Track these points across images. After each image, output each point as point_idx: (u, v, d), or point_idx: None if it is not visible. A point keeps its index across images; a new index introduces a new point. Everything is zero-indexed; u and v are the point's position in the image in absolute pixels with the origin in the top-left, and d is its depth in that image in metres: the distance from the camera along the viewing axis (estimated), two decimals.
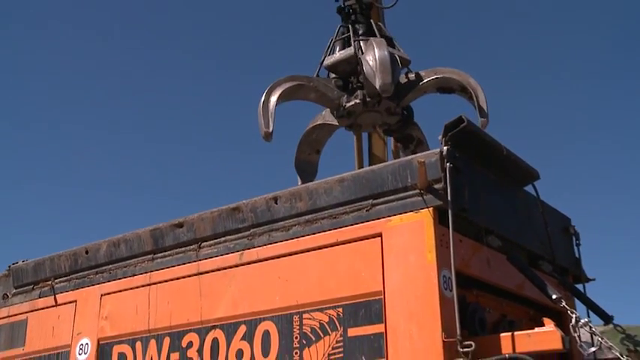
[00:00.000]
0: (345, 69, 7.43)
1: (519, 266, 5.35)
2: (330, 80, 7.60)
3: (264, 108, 7.03)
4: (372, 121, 7.58)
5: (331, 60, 7.53)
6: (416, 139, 7.85)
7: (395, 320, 4.69)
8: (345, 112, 7.41)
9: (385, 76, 6.88)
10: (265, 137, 6.92)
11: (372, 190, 5.11)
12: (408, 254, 4.77)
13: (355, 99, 7.29)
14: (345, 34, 7.62)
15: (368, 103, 7.22)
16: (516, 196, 5.90)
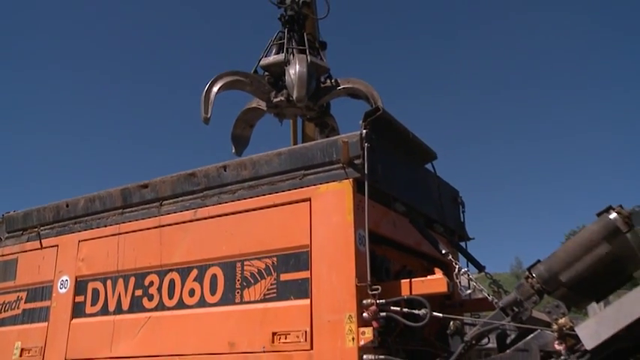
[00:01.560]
0: (276, 70, 7.52)
1: (418, 227, 5.60)
2: (263, 77, 7.67)
3: (205, 96, 7.08)
4: (294, 113, 7.75)
5: (266, 62, 7.62)
6: (330, 126, 8.03)
7: (319, 268, 4.88)
8: (273, 104, 7.54)
9: (300, 90, 7.09)
10: (204, 121, 6.99)
11: (304, 163, 5.24)
12: (331, 216, 4.94)
13: (281, 96, 7.42)
14: (282, 39, 7.69)
15: (291, 101, 7.36)
16: (418, 172, 6.13)
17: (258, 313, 5.06)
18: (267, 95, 7.58)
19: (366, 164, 4.87)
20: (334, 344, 4.65)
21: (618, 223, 4.30)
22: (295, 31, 7.69)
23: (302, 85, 7.10)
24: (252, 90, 7.66)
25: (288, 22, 7.72)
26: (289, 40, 7.57)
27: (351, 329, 4.60)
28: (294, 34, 7.64)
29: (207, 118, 7.02)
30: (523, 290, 4.60)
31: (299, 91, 7.08)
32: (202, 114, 7.02)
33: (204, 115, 7.01)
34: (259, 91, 7.66)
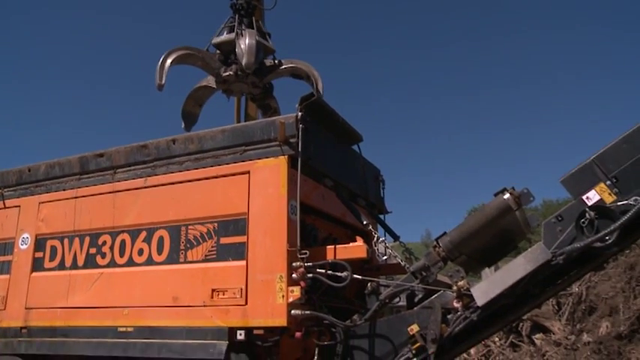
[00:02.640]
0: (227, 48, 7.43)
1: (344, 200, 5.71)
2: (214, 54, 7.59)
3: (161, 66, 7.02)
4: (241, 89, 7.67)
5: (217, 40, 7.52)
6: (272, 108, 8.02)
7: (254, 234, 4.94)
8: (222, 79, 7.46)
9: (250, 57, 7.04)
10: (158, 88, 6.94)
11: (245, 140, 5.24)
12: (267, 187, 4.99)
13: (230, 71, 7.35)
14: (232, 23, 7.61)
15: (239, 76, 7.32)
16: (346, 152, 6.21)
17: (200, 272, 5.09)
18: (217, 71, 7.51)
19: (299, 143, 4.94)
20: (266, 300, 4.74)
21: (510, 202, 4.51)
22: (245, 17, 7.63)
23: (251, 53, 7.05)
24: (203, 65, 7.57)
25: (239, 9, 7.64)
26: (239, 23, 7.51)
27: (282, 288, 4.70)
28: (243, 19, 7.57)
29: (161, 85, 6.97)
30: (430, 257, 4.78)
31: (248, 58, 7.02)
32: (157, 81, 6.96)
33: (159, 82, 6.96)
34: (210, 67, 7.58)
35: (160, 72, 6.99)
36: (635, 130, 4.39)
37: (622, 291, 9.95)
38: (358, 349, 4.85)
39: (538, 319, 11.28)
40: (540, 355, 10.63)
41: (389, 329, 4.79)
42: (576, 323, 10.79)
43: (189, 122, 8.12)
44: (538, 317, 11.27)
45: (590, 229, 4.27)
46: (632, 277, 9.86)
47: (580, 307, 10.87)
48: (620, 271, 10.30)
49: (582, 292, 10.92)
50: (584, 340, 9.98)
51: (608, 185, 4.35)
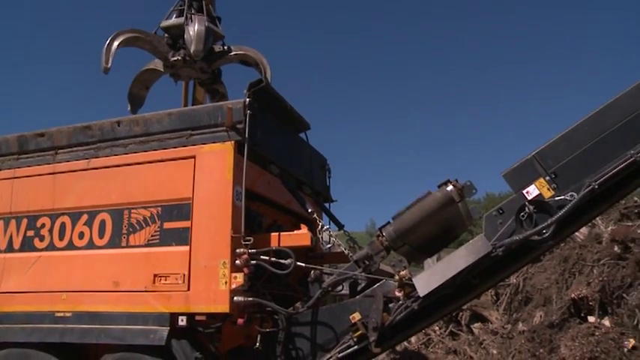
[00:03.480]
0: (175, 32, 7.28)
1: (289, 188, 5.72)
2: (163, 38, 7.44)
3: (107, 49, 6.81)
4: (189, 74, 7.55)
5: (166, 23, 7.36)
6: (220, 93, 7.91)
7: (199, 219, 4.90)
8: (170, 63, 7.33)
9: (198, 45, 6.93)
10: (104, 71, 6.76)
11: (192, 124, 5.18)
12: (213, 173, 4.95)
13: (178, 55, 7.21)
14: (182, 6, 7.46)
15: (187, 61, 7.20)
16: (293, 140, 6.21)
17: (142, 257, 5.02)
18: (164, 55, 7.35)
19: (247, 129, 4.90)
20: (209, 286, 4.71)
21: (453, 194, 4.60)
22: (195, 0, 7.48)
23: (200, 40, 6.94)
24: (150, 48, 7.40)
25: None
26: (189, 7, 7.36)
27: (225, 274, 4.68)
28: (193, 2, 7.42)
29: (106, 69, 6.78)
30: (374, 246, 4.84)
31: (197, 45, 6.91)
32: (102, 64, 6.76)
33: (105, 66, 6.76)
34: (158, 51, 7.41)
35: (105, 55, 6.80)
36: (574, 128, 4.54)
37: (556, 282, 10.28)
38: (300, 337, 4.88)
39: (477, 309, 11.56)
40: (478, 343, 10.90)
41: (331, 317, 4.84)
42: (513, 313, 11.11)
43: (136, 105, 7.94)
44: (477, 307, 11.56)
45: (529, 223, 4.41)
46: (566, 269, 10.19)
47: (517, 297, 11.19)
48: (555, 264, 10.63)
49: (519, 283, 11.23)
50: (520, 329, 10.29)
51: (548, 181, 4.49)
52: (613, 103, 4.51)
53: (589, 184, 4.34)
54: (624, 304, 8.85)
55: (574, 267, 10.08)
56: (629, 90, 4.50)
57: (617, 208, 10.46)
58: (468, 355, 10.78)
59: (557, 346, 9.13)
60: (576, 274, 9.97)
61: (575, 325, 9.20)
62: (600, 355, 8.31)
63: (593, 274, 9.54)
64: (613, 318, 8.91)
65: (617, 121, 4.45)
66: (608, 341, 8.42)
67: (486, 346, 10.64)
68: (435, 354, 11.54)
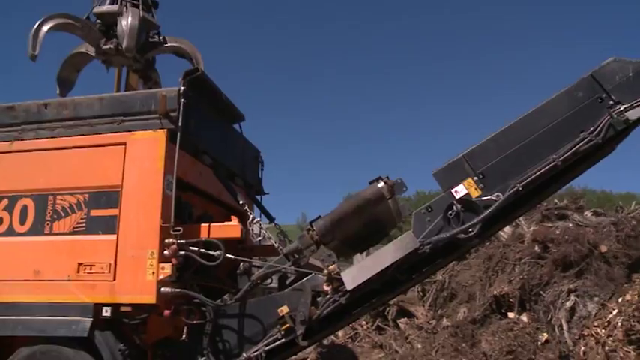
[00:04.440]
0: (108, 20, 7.06)
1: (221, 179, 5.68)
2: (95, 24, 7.21)
3: (34, 34, 6.51)
4: (121, 62, 7.35)
5: (99, 10, 7.11)
6: (153, 80, 7.72)
7: (127, 208, 4.81)
8: (102, 51, 7.12)
9: (130, 41, 6.72)
10: (31, 58, 6.47)
11: (124, 110, 5.07)
12: (143, 161, 4.87)
13: (110, 44, 6.98)
14: None
15: (120, 51, 7.02)
16: (226, 130, 6.17)
17: (66, 245, 4.88)
18: (96, 42, 7.13)
19: (180, 118, 4.84)
20: (135, 277, 4.64)
21: (384, 191, 4.70)
22: None
23: (132, 36, 6.77)
24: (82, 35, 7.15)
25: None
26: None
27: (152, 264, 4.62)
28: None
29: (34, 56, 6.48)
30: (304, 240, 4.88)
31: (129, 42, 6.74)
32: (30, 51, 6.47)
33: (32, 53, 6.47)
34: (89, 37, 7.17)
35: (33, 41, 6.50)
36: (502, 131, 4.72)
37: (480, 279, 10.63)
38: (228, 329, 4.88)
39: (404, 304, 11.81)
40: (404, 337, 11.14)
41: (259, 310, 4.85)
42: (438, 308, 11.41)
43: (65, 88, 7.66)
44: (404, 302, 11.80)
45: (456, 221, 4.55)
46: (490, 267, 10.55)
47: (442, 293, 11.50)
48: (480, 262, 10.98)
49: (445, 280, 11.54)
50: (444, 324, 10.58)
51: (475, 181, 4.64)
52: (539, 108, 4.71)
53: (514, 186, 4.52)
54: (541, 300, 9.27)
55: (497, 265, 10.46)
56: (555, 97, 4.71)
57: (539, 209, 10.91)
58: (393, 349, 11.00)
59: (478, 341, 9.47)
60: (499, 271, 10.34)
61: (495, 321, 9.57)
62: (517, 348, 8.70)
63: (515, 272, 9.93)
64: (530, 314, 9.32)
65: (542, 126, 4.65)
66: (524, 335, 8.82)
67: (412, 341, 10.88)
68: (362, 348, 11.73)
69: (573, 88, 4.70)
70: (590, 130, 4.55)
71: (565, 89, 4.71)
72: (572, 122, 4.62)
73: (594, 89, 4.64)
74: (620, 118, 4.53)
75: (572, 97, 4.68)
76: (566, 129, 4.62)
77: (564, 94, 4.70)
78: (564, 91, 4.71)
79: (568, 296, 9.01)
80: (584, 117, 4.61)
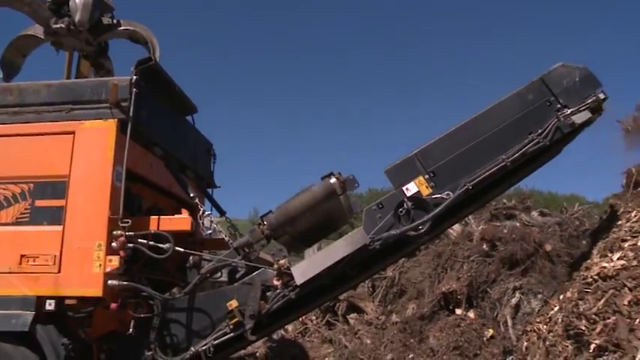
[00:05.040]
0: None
1: (172, 171, 5.61)
2: (45, 2, 6.98)
3: None
4: (73, 44, 7.13)
5: None
6: (106, 68, 7.53)
7: (74, 198, 4.71)
8: (52, 31, 6.87)
9: (84, 15, 6.48)
10: None
11: (73, 98, 4.96)
12: (92, 151, 4.78)
13: (62, 23, 6.78)
14: None
15: (71, 30, 6.80)
16: (179, 122, 6.10)
17: (8, 236, 4.74)
18: (46, 21, 6.88)
19: (131, 108, 4.77)
20: (81, 269, 4.55)
21: (336, 186, 4.72)
22: None
23: (86, 9, 6.51)
24: (30, 11, 6.84)
25: None
26: None
27: (99, 256, 4.55)
28: None
29: None
30: (254, 235, 4.87)
31: (82, 15, 6.47)
32: None
33: None
34: (38, 15, 6.87)
35: None
36: (454, 131, 4.81)
37: (429, 277, 10.78)
38: (176, 323, 4.84)
39: (353, 300, 11.90)
40: (353, 333, 11.24)
41: (208, 304, 4.83)
42: (387, 305, 11.53)
43: (10, 72, 7.41)
44: (354, 298, 11.89)
45: (407, 218, 4.62)
46: (439, 265, 10.71)
47: (392, 290, 11.62)
48: (429, 259, 11.14)
49: (395, 276, 11.67)
50: (393, 320, 10.71)
51: (427, 179, 4.72)
52: (491, 109, 4.82)
53: (464, 185, 4.61)
54: (487, 297, 9.47)
55: (446, 262, 10.61)
56: (506, 98, 4.83)
57: (488, 208, 11.13)
58: (342, 344, 11.08)
59: (426, 337, 9.62)
60: (448, 269, 10.50)
61: (443, 317, 9.73)
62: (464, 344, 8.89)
63: (463, 270, 10.10)
64: (477, 310, 9.51)
65: (493, 127, 4.76)
66: (471, 331, 9.02)
67: (361, 336, 10.98)
68: (311, 343, 11.78)
69: (524, 90, 4.84)
70: (538, 132, 4.68)
71: (516, 91, 4.84)
72: (521, 124, 4.75)
73: (543, 92, 4.79)
74: (566, 121, 4.68)
75: (522, 99, 4.81)
76: (516, 130, 4.74)
77: (515, 96, 4.82)
78: (515, 93, 4.83)
79: (513, 293, 9.24)
80: (533, 119, 4.75)
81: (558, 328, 4.69)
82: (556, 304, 5.04)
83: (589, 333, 4.30)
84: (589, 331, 4.32)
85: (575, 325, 4.42)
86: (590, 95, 4.72)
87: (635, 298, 4.27)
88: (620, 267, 4.54)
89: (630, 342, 4.06)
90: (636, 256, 4.52)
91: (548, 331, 4.86)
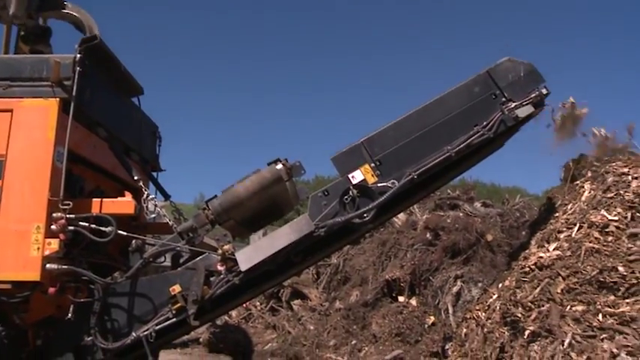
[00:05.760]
0: None
1: (116, 153, 5.48)
2: None
3: None
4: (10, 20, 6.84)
5: None
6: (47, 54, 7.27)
7: (11, 178, 4.55)
8: None
9: (18, 8, 6.25)
10: None
11: (11, 74, 4.78)
12: (32, 130, 4.62)
13: None
14: None
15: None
16: (124, 103, 5.96)
17: None
18: None
19: (74, 87, 4.64)
20: (18, 252, 4.42)
21: (282, 173, 4.73)
22: None
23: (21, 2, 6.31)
24: None
25: None
26: None
27: (38, 239, 4.42)
28: None
29: None
30: (199, 219, 4.84)
31: (16, 8, 6.27)
32: None
33: None
34: None
35: None
36: (401, 120, 4.87)
37: (373, 264, 10.95)
38: (117, 308, 4.77)
39: (298, 286, 11.99)
40: (297, 319, 11.33)
41: (150, 288, 4.78)
42: (331, 291, 11.67)
43: None
44: (298, 284, 11.99)
45: (352, 206, 4.66)
46: (383, 252, 10.89)
47: (336, 277, 11.77)
48: (374, 247, 11.31)
49: (340, 264, 11.81)
50: (337, 307, 10.85)
51: (372, 167, 4.77)
52: (438, 100, 4.90)
53: (409, 174, 4.68)
54: (430, 285, 9.70)
55: (390, 250, 10.81)
56: (453, 90, 4.91)
57: (433, 198, 11.35)
58: (286, 330, 11.18)
59: (369, 323, 9.80)
60: (392, 257, 10.69)
61: (386, 304, 9.92)
62: (406, 330, 9.11)
63: (407, 258, 10.31)
64: (419, 298, 9.73)
65: (439, 118, 4.85)
66: (413, 318, 9.24)
67: (304, 322, 11.09)
68: (255, 328, 11.84)
69: (470, 83, 4.93)
70: (483, 124, 4.79)
71: (463, 83, 4.93)
72: (467, 116, 4.84)
73: (489, 86, 4.89)
74: (510, 114, 4.80)
75: (469, 91, 4.91)
76: (462, 122, 4.83)
77: (462, 88, 4.91)
78: (462, 85, 4.92)
79: (455, 282, 9.50)
80: (478, 111, 4.85)
81: (496, 315, 4.84)
82: (495, 292, 5.19)
83: (524, 320, 4.46)
84: (524, 318, 4.47)
85: (512, 313, 4.56)
86: (533, 90, 4.85)
87: (567, 287, 4.45)
88: (555, 257, 4.71)
89: (561, 327, 4.23)
90: (570, 247, 4.70)
91: (486, 318, 5.00)
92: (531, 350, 4.30)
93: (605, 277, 4.38)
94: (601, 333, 4.13)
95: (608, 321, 4.17)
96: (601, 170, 5.35)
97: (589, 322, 4.21)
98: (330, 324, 10.46)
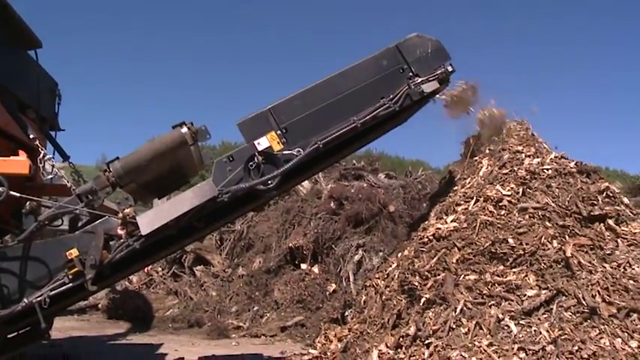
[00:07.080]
0: None
1: (9, 109, 5.17)
2: None
3: None
4: None
5: None
6: None
7: None
8: None
9: None
10: None
11: None
12: None
13: None
14: None
15: None
16: (19, 56, 5.63)
17: None
18: None
19: None
20: None
21: (187, 136, 4.63)
22: None
23: None
24: None
25: None
26: None
27: None
28: None
29: None
30: (99, 181, 4.67)
31: None
32: None
33: None
34: None
35: None
36: (310, 89, 4.89)
37: (277, 232, 11.06)
38: (8, 273, 4.55)
39: (200, 252, 11.94)
40: (199, 285, 11.30)
41: (45, 252, 4.59)
42: (234, 258, 11.70)
43: None
44: (201, 250, 11.93)
45: (257, 173, 4.65)
46: (287, 220, 11.02)
47: (240, 243, 11.79)
48: (278, 214, 11.41)
49: (243, 230, 11.84)
50: (239, 273, 10.91)
51: (279, 135, 4.77)
52: (346, 71, 4.95)
53: (315, 143, 4.72)
54: (332, 254, 9.94)
55: (294, 218, 10.95)
56: (362, 62, 4.98)
57: (338, 168, 11.55)
58: (188, 295, 11.15)
59: (271, 290, 9.93)
60: (295, 225, 10.84)
61: (289, 271, 10.08)
62: (307, 297, 9.31)
63: (310, 226, 10.48)
64: (321, 266, 9.95)
65: (347, 88, 4.90)
66: (315, 285, 9.47)
67: (207, 288, 11.09)
68: (156, 294, 11.71)
69: (379, 55, 5.01)
70: (390, 97, 4.89)
71: (372, 56, 5.00)
72: (374, 88, 4.92)
73: (397, 60, 4.99)
74: (416, 89, 4.93)
75: (377, 64, 4.98)
76: (369, 94, 4.91)
77: (371, 60, 4.98)
78: (371, 57, 4.99)
79: (357, 251, 9.77)
80: (385, 84, 4.94)
81: (394, 284, 5.03)
82: (394, 261, 5.38)
83: (421, 288, 4.66)
84: (421, 286, 4.68)
85: (409, 281, 4.76)
86: (439, 67, 5.00)
87: (462, 257, 4.69)
88: (452, 228, 4.93)
89: (454, 295, 4.46)
90: (467, 219, 4.94)
91: (385, 286, 5.19)
92: (426, 317, 4.51)
93: (496, 249, 4.66)
94: (489, 300, 4.41)
95: (496, 289, 4.44)
96: (498, 147, 5.63)
97: (480, 290, 4.48)
98: (233, 290, 10.53)
